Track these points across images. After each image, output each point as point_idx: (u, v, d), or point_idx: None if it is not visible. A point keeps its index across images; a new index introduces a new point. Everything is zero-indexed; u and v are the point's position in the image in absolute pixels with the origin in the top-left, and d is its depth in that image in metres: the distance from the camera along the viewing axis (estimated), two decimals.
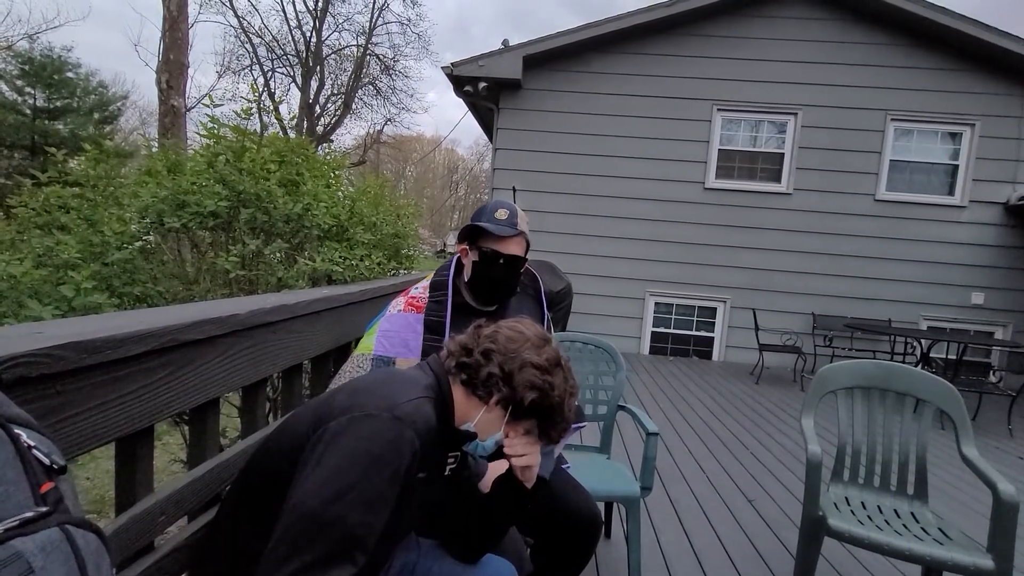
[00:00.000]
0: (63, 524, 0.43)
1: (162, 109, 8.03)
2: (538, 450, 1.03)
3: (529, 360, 0.96)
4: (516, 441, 1.00)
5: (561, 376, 0.99)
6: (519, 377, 0.95)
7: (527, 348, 0.98)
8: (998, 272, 6.44)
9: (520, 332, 1.01)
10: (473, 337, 1.02)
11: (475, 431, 0.98)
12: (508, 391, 0.95)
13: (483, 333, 1.02)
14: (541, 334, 1.03)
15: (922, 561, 1.53)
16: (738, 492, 2.83)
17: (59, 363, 0.71)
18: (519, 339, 0.99)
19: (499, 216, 1.41)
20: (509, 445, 1.00)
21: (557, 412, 0.97)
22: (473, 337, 1.02)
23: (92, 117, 16.33)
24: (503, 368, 0.96)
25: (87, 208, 2.33)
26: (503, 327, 1.03)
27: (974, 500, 2.88)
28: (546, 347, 1.01)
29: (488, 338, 1.00)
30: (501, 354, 0.97)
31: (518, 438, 1.00)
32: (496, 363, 0.96)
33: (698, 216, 6.74)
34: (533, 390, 0.95)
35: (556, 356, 1.01)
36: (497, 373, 0.95)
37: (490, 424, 0.98)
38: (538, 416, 0.98)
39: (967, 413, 1.79)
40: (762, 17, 6.56)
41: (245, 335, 1.18)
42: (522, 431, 1.00)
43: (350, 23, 20.13)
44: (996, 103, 6.31)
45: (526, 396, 0.95)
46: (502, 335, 1.00)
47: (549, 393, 0.96)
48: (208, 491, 1.08)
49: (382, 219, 3.05)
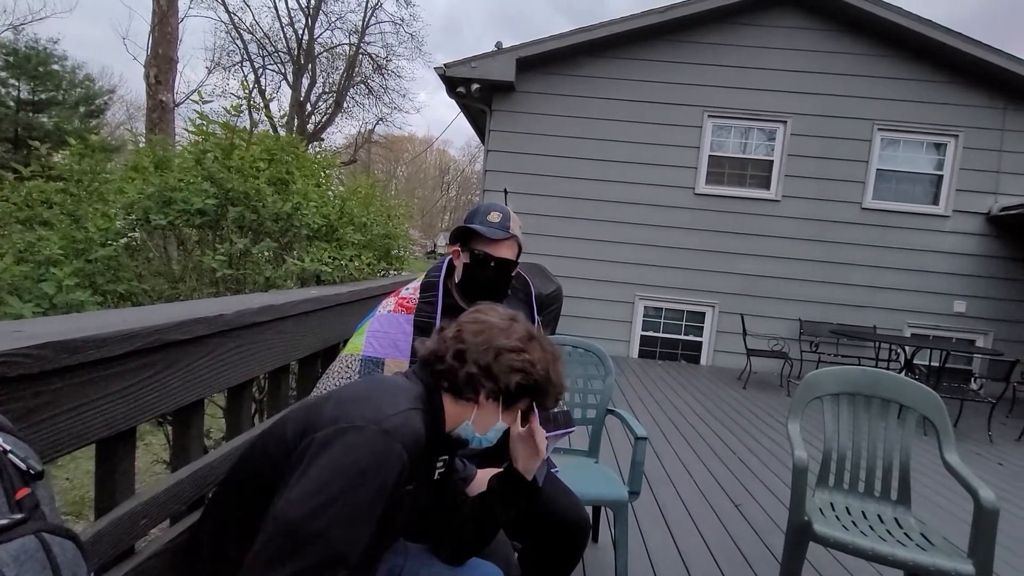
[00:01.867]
0: (39, 532, 0.42)
1: (150, 104, 7.93)
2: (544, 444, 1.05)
3: (502, 346, 0.95)
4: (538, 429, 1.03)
5: (538, 348, 0.98)
6: (498, 366, 0.94)
7: (496, 334, 0.97)
8: (980, 281, 6.56)
9: (483, 322, 0.99)
10: (439, 342, 0.99)
11: (469, 435, 0.98)
12: (492, 384, 0.94)
13: (448, 335, 0.99)
14: (505, 314, 1.02)
15: (905, 566, 1.54)
16: (725, 497, 2.84)
17: (39, 363, 0.69)
18: (485, 329, 0.98)
19: (492, 219, 1.41)
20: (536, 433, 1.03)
21: (546, 383, 0.97)
22: (439, 342, 0.99)
23: (78, 111, 16.07)
24: (479, 364, 0.94)
25: (71, 203, 2.29)
26: (464, 323, 1.00)
27: (956, 506, 2.92)
28: (514, 326, 0.99)
29: (455, 339, 0.97)
30: (473, 351, 0.95)
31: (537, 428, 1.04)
32: (471, 361, 0.94)
33: (688, 221, 6.79)
34: (516, 373, 0.94)
35: (526, 331, 1.00)
36: (476, 372, 0.94)
37: (487, 419, 0.97)
38: (530, 394, 0.98)
39: (949, 420, 1.82)
40: (753, 26, 6.64)
41: (231, 335, 1.16)
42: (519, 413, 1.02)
43: (343, 21, 19.94)
44: (979, 115, 6.44)
45: (511, 381, 0.94)
46: (467, 331, 0.98)
47: (532, 370, 0.95)
48: (191, 494, 1.06)
49: (372, 219, 3.03)
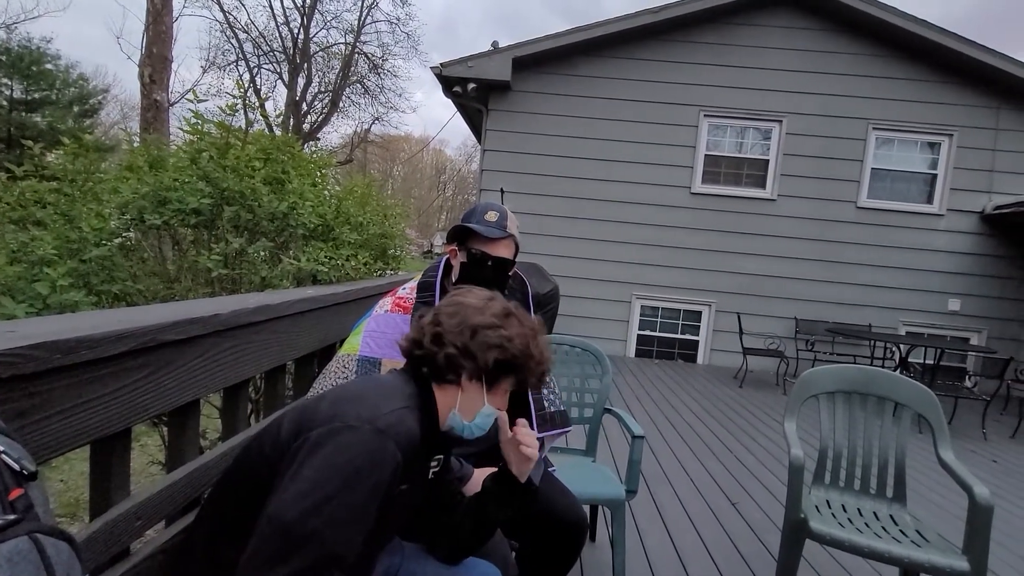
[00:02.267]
0: (32, 532, 0.41)
1: (144, 103, 7.89)
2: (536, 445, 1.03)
3: (477, 324, 0.95)
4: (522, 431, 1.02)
5: (515, 323, 0.98)
6: (474, 344, 0.94)
7: (471, 314, 0.97)
8: (974, 279, 6.60)
9: (459, 303, 1.00)
10: (418, 329, 1.00)
11: (460, 432, 0.98)
12: (471, 363, 0.94)
13: (425, 321, 1.00)
14: (483, 295, 1.02)
15: (900, 563, 1.55)
16: (722, 495, 2.85)
17: (32, 363, 0.69)
18: (460, 310, 0.98)
19: (489, 218, 1.41)
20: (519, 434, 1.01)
21: (526, 357, 0.97)
22: (418, 329, 1.00)
23: (71, 110, 15.98)
24: (456, 345, 0.94)
25: (65, 203, 2.27)
26: (441, 308, 1.01)
27: (950, 503, 2.94)
28: (490, 304, 0.99)
29: (432, 323, 0.98)
30: (450, 332, 0.95)
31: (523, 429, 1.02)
32: (448, 343, 0.94)
33: (684, 220, 6.80)
34: (492, 349, 0.94)
35: (503, 308, 0.99)
36: (453, 352, 0.94)
37: (472, 402, 0.97)
38: (511, 370, 0.97)
39: (944, 418, 1.83)
40: (748, 25, 6.66)
41: (227, 335, 1.16)
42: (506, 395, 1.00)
43: (338, 21, 19.88)
44: (973, 115, 6.47)
45: (489, 358, 0.94)
46: (443, 313, 0.98)
47: (509, 345, 0.95)
48: (187, 495, 1.05)
49: (369, 219, 3.03)
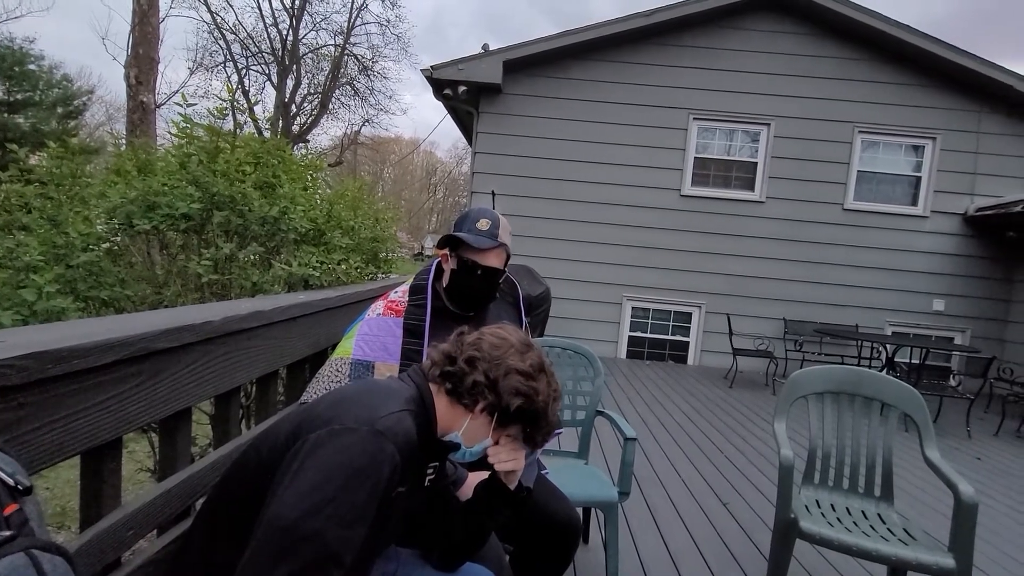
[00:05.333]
0: (29, 548, 0.41)
1: (130, 105, 7.80)
2: (522, 455, 1.03)
3: (514, 367, 0.96)
4: (501, 450, 1.00)
5: (545, 381, 0.99)
6: (504, 384, 0.95)
7: (511, 354, 0.98)
8: (958, 280, 6.71)
9: (503, 339, 1.01)
10: (456, 345, 1.01)
11: (459, 441, 0.98)
12: (494, 398, 0.95)
13: (466, 341, 1.01)
14: (524, 339, 1.04)
15: (888, 561, 1.58)
16: (713, 496, 2.87)
17: (22, 374, 0.68)
18: (503, 345, 0.99)
19: (481, 226, 1.40)
20: (494, 454, 1.00)
21: (542, 417, 0.98)
22: (456, 345, 1.01)
23: (55, 111, 15.69)
24: (488, 375, 0.95)
25: (51, 208, 2.24)
26: (486, 334, 1.02)
27: (936, 501, 2.99)
28: (529, 352, 1.01)
29: (472, 346, 0.99)
30: (486, 361, 0.96)
31: (503, 447, 1.00)
32: (481, 371, 0.96)
33: (674, 222, 6.85)
34: (519, 396, 0.95)
35: (540, 361, 1.01)
36: (482, 381, 0.95)
37: (477, 431, 0.98)
38: (524, 421, 0.98)
39: (930, 417, 1.86)
40: (736, 29, 6.73)
41: (219, 342, 1.15)
42: (508, 437, 1.00)
43: (328, 22, 19.78)
44: (956, 118, 6.60)
45: (512, 402, 0.95)
46: (486, 342, 1.00)
47: (534, 398, 0.96)
48: (179, 503, 1.05)
49: (360, 223, 3.02)
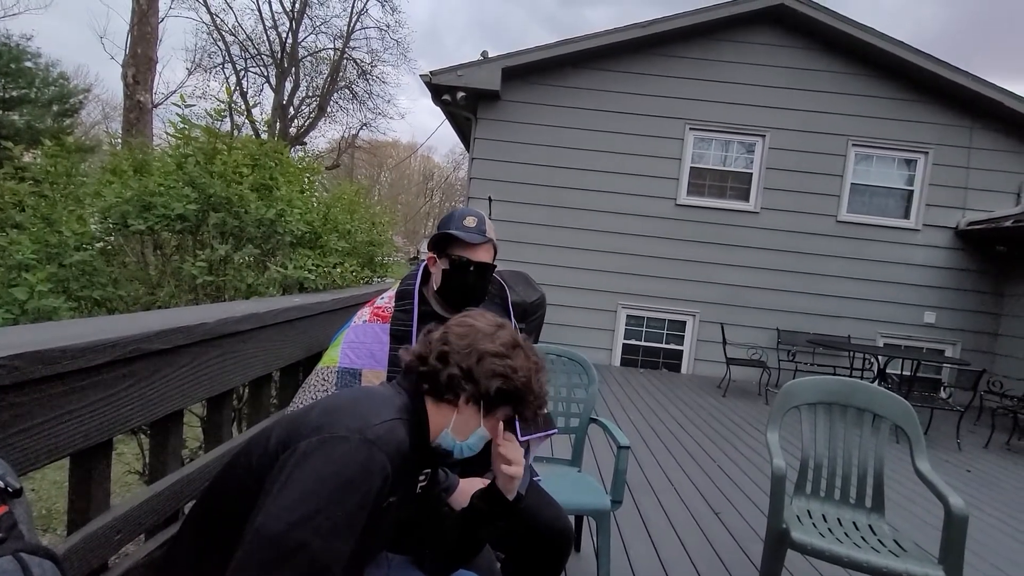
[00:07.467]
0: (17, 552, 0.40)
1: (127, 104, 7.77)
2: (522, 460, 1.02)
3: (485, 350, 0.95)
4: (510, 445, 1.00)
5: (521, 355, 0.98)
6: (479, 370, 0.94)
7: (480, 339, 0.97)
8: (949, 293, 6.78)
9: (470, 326, 1.00)
10: (425, 344, 1.00)
11: (451, 444, 0.97)
12: (473, 387, 0.94)
13: (433, 338, 1.00)
14: (493, 321, 1.03)
15: (879, 572, 1.58)
16: (705, 505, 2.87)
17: (12, 374, 0.68)
18: (470, 333, 0.98)
19: (468, 223, 1.42)
20: (505, 448, 1.00)
21: (527, 392, 0.97)
22: (425, 344, 1.00)
23: (51, 109, 15.61)
24: (461, 366, 0.94)
25: (45, 206, 2.22)
26: (452, 326, 1.01)
27: (927, 512, 3.00)
28: (499, 332, 0.99)
29: (440, 341, 0.98)
30: (456, 353, 0.95)
31: (510, 443, 1.00)
32: (454, 363, 0.95)
33: (670, 232, 6.89)
34: (496, 378, 0.94)
35: (512, 339, 1.00)
36: (457, 373, 0.94)
37: (466, 424, 0.97)
38: (510, 401, 0.97)
39: (921, 429, 1.87)
40: (733, 42, 6.80)
41: (213, 344, 1.14)
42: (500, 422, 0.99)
43: (328, 26, 19.77)
44: (948, 133, 6.68)
45: (491, 386, 0.94)
46: (452, 334, 0.98)
47: (513, 376, 0.95)
48: (168, 507, 1.04)
49: (357, 226, 3.01)
